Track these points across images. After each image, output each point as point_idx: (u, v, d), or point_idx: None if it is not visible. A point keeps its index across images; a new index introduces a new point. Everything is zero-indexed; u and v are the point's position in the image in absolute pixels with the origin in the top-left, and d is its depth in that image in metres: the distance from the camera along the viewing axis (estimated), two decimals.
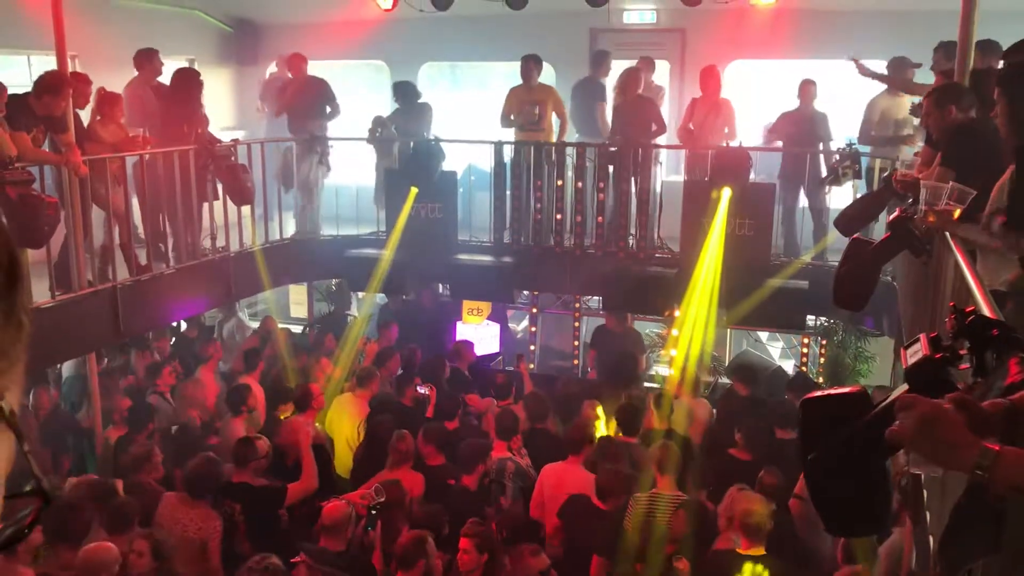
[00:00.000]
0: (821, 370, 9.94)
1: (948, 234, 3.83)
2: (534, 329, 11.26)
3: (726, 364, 10.46)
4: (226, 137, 9.28)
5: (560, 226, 9.50)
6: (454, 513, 5.80)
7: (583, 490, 6.06)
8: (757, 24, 10.65)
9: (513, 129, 9.82)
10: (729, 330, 10.90)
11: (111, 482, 6.10)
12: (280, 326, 10.45)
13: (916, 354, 1.90)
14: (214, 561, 5.77)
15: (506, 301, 10.62)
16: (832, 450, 2.00)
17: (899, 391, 1.90)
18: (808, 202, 9.25)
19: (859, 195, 8.19)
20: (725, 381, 9.42)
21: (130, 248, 7.81)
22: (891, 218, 4.59)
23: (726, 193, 8.29)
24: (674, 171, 10.54)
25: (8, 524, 0.72)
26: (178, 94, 8.46)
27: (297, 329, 11.48)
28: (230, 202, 8.69)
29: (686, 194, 8.79)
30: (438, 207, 9.56)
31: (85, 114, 7.95)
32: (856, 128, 9.21)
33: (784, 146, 9.29)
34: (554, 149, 9.47)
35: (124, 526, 5.41)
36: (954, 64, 5.23)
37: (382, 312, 11.07)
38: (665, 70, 11.40)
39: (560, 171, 9.42)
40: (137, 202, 8.13)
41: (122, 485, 6.11)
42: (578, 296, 10.85)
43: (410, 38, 11.96)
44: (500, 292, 9.94)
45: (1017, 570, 1.84)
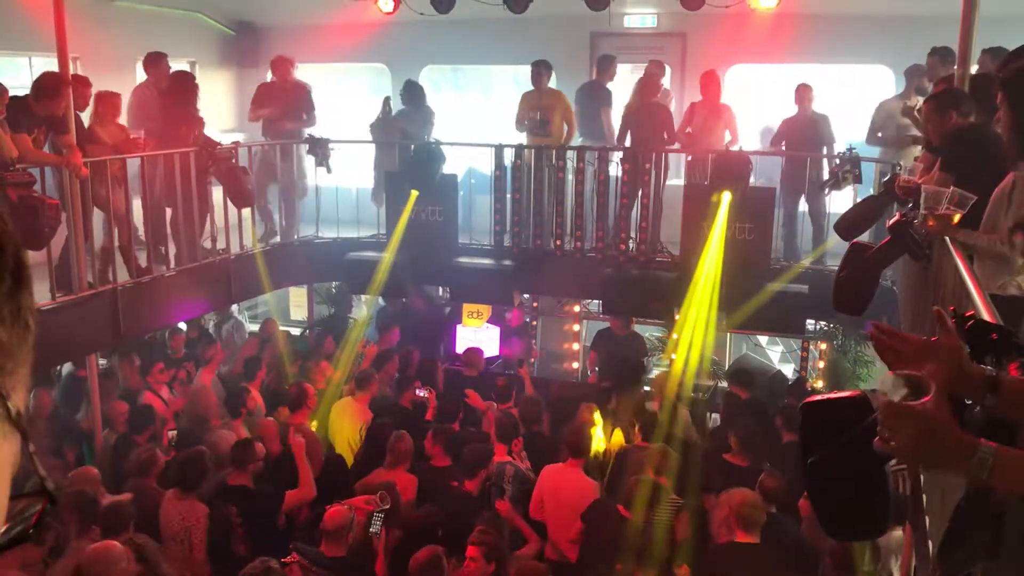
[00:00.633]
0: (821, 374, 9.94)
1: (948, 239, 3.84)
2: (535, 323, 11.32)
3: (726, 368, 10.46)
4: (227, 140, 9.29)
5: (560, 229, 9.51)
6: (455, 517, 5.81)
7: (582, 493, 6.06)
8: (758, 29, 10.66)
9: (524, 133, 9.83)
10: (729, 334, 10.90)
11: (92, 492, 6.06)
12: (280, 328, 10.45)
13: None
14: (197, 553, 5.78)
15: (506, 304, 10.62)
16: (832, 454, 2.00)
17: (897, 396, 1.91)
18: (808, 206, 9.26)
19: (859, 199, 8.20)
20: (725, 385, 9.42)
21: (130, 250, 7.82)
22: (891, 222, 4.60)
23: (726, 197, 8.30)
24: (674, 175, 10.54)
25: (13, 524, 0.72)
26: (176, 96, 8.48)
27: (297, 332, 11.48)
28: (231, 204, 8.70)
29: (686, 198, 8.79)
30: (438, 210, 9.56)
31: (86, 116, 7.96)
32: (857, 132, 9.23)
33: (787, 150, 9.29)
34: (555, 152, 9.47)
35: (120, 528, 5.41)
36: (950, 69, 5.23)
37: (380, 315, 11.07)
38: (666, 74, 11.41)
39: (561, 174, 9.42)
40: (140, 203, 8.14)
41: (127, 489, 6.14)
42: (578, 300, 10.87)
43: (411, 41, 11.97)
44: (500, 295, 9.94)
45: (1017, 574, 1.84)
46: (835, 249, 8.45)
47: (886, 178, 6.56)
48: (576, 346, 11.32)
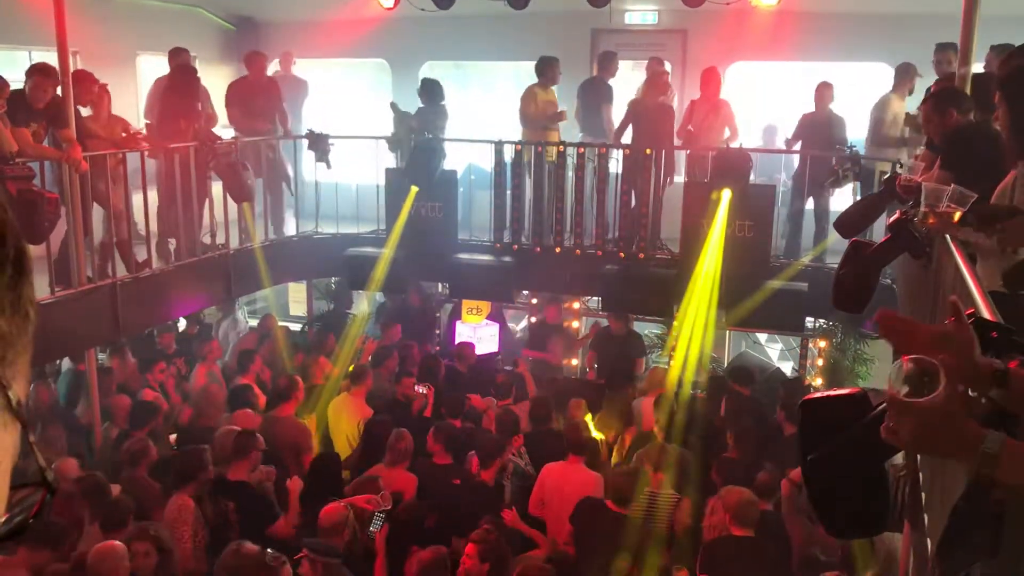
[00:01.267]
0: (819, 372, 9.93)
1: (948, 236, 3.83)
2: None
3: (725, 365, 10.45)
4: (227, 135, 9.28)
5: (560, 226, 9.50)
6: (470, 505, 5.89)
7: (585, 489, 6.06)
8: (759, 26, 10.65)
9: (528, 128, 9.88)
10: (728, 331, 10.89)
11: (102, 477, 6.12)
12: (279, 324, 10.44)
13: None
14: (184, 547, 5.78)
15: (506, 300, 10.61)
16: (831, 451, 2.00)
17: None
18: (814, 204, 9.25)
19: (859, 197, 8.19)
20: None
21: (127, 246, 7.80)
22: (891, 220, 4.59)
23: (726, 195, 8.29)
24: (676, 172, 10.53)
25: (13, 514, 0.72)
26: (175, 89, 8.47)
27: (296, 327, 11.48)
28: (230, 199, 8.70)
29: (686, 195, 8.78)
30: (438, 206, 9.56)
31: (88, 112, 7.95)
32: (856, 130, 9.22)
33: (802, 149, 9.26)
34: (555, 149, 9.47)
35: (119, 523, 5.42)
36: (961, 67, 5.21)
37: (380, 311, 11.07)
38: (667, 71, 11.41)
39: (561, 171, 9.41)
40: (140, 198, 8.13)
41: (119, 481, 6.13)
42: (578, 296, 10.85)
43: (411, 37, 11.95)
44: (500, 291, 9.93)
45: (1016, 573, 1.84)
46: (835, 247, 8.44)
47: (886, 176, 6.55)
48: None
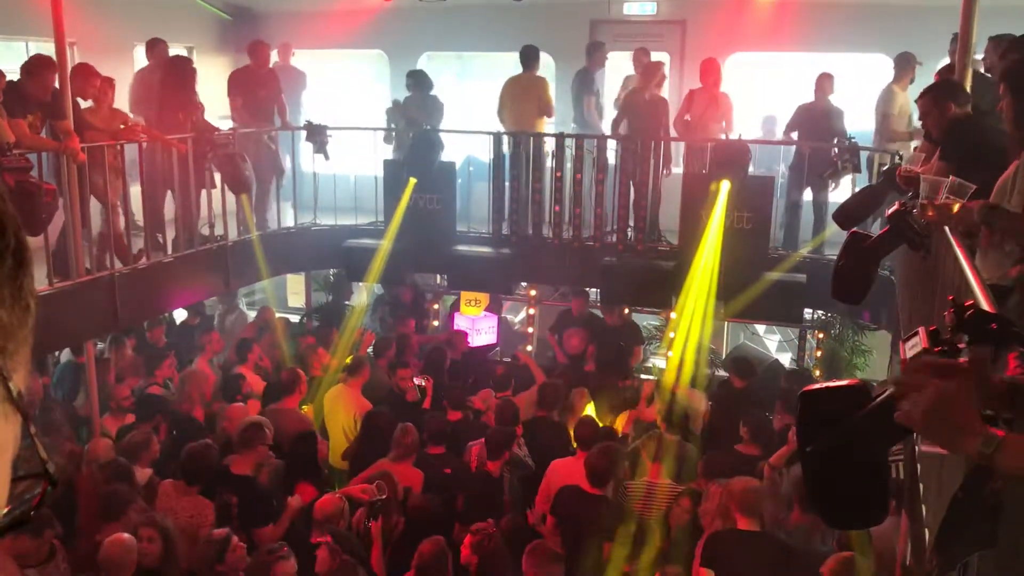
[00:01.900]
0: (818, 364, 9.94)
1: (947, 229, 3.83)
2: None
3: (723, 357, 10.47)
4: (224, 126, 9.25)
5: (559, 218, 9.50)
6: (472, 494, 5.98)
7: None
8: (758, 16, 10.64)
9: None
10: (726, 323, 10.90)
11: (126, 463, 6.16)
12: (278, 315, 10.44)
13: (915, 348, 1.91)
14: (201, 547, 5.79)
15: (504, 292, 10.61)
16: (830, 442, 2.00)
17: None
18: (813, 196, 9.25)
19: (858, 189, 8.19)
20: (722, 374, 9.43)
21: (122, 239, 7.77)
22: (890, 212, 4.59)
23: (725, 186, 8.28)
24: (673, 163, 10.53)
25: (14, 507, 0.72)
26: (172, 82, 8.45)
27: (295, 319, 11.48)
28: (228, 191, 8.68)
29: (685, 187, 8.77)
30: (436, 198, 9.55)
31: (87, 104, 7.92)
32: (857, 121, 9.21)
33: (799, 139, 9.25)
34: (553, 141, 9.46)
35: (118, 512, 5.44)
36: (961, 58, 5.20)
37: (377, 303, 11.07)
38: (665, 62, 11.39)
39: (559, 163, 9.40)
40: (138, 190, 8.12)
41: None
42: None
43: (409, 28, 11.93)
44: (498, 283, 9.93)
45: (1013, 564, 1.85)
46: (833, 238, 8.45)
47: (886, 167, 6.55)
48: None
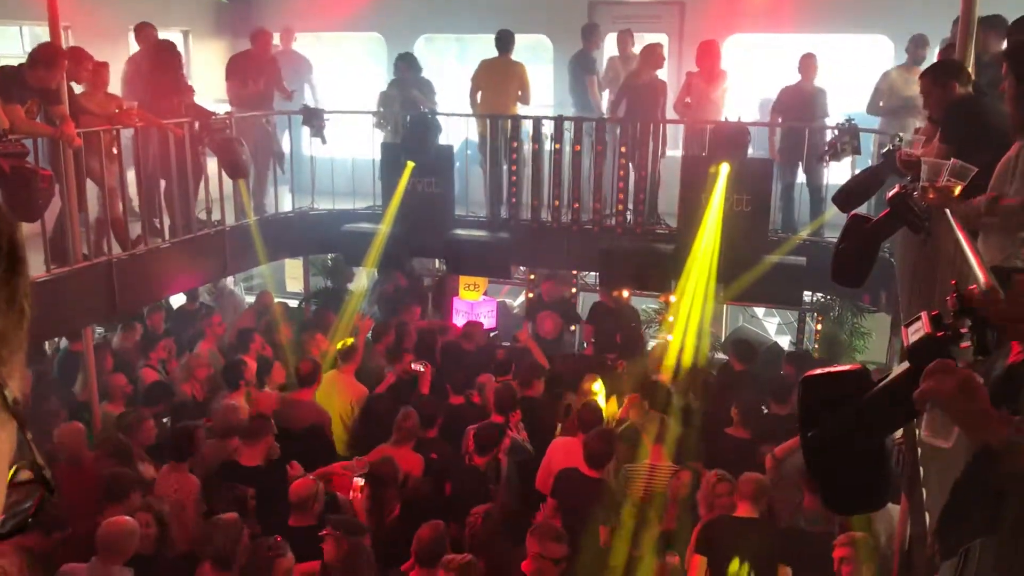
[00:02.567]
0: (817, 346, 9.95)
1: (948, 211, 3.81)
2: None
3: (722, 340, 10.47)
4: (221, 111, 9.20)
5: (558, 201, 9.46)
6: (462, 489, 5.96)
7: None
8: None
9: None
10: (725, 306, 10.89)
11: (128, 443, 6.17)
12: (276, 301, 10.43)
13: (917, 332, 1.90)
14: (192, 522, 5.82)
15: (503, 277, 10.59)
16: (832, 427, 2.00)
17: (900, 369, 1.90)
18: (806, 178, 9.23)
19: (858, 171, 8.16)
20: (721, 357, 9.43)
21: (122, 224, 7.74)
22: (891, 195, 4.57)
23: (724, 168, 8.24)
24: (672, 146, 10.50)
25: (12, 514, 0.71)
26: (160, 67, 8.40)
27: (294, 303, 11.46)
28: (225, 175, 8.65)
29: (684, 169, 8.74)
30: (434, 181, 9.50)
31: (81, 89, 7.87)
32: (856, 103, 9.17)
33: (784, 121, 9.23)
34: (552, 124, 9.41)
35: (123, 495, 5.45)
36: (961, 40, 5.16)
37: (374, 288, 11.05)
38: (663, 44, 11.32)
39: (558, 146, 9.35)
40: (134, 175, 8.07)
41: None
42: (575, 272, 10.83)
43: (406, 10, 11.86)
44: (497, 267, 9.90)
45: (1015, 549, 1.84)
46: (833, 221, 8.43)
47: (885, 149, 6.52)
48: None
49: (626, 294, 9.79)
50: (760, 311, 12.36)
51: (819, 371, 2.14)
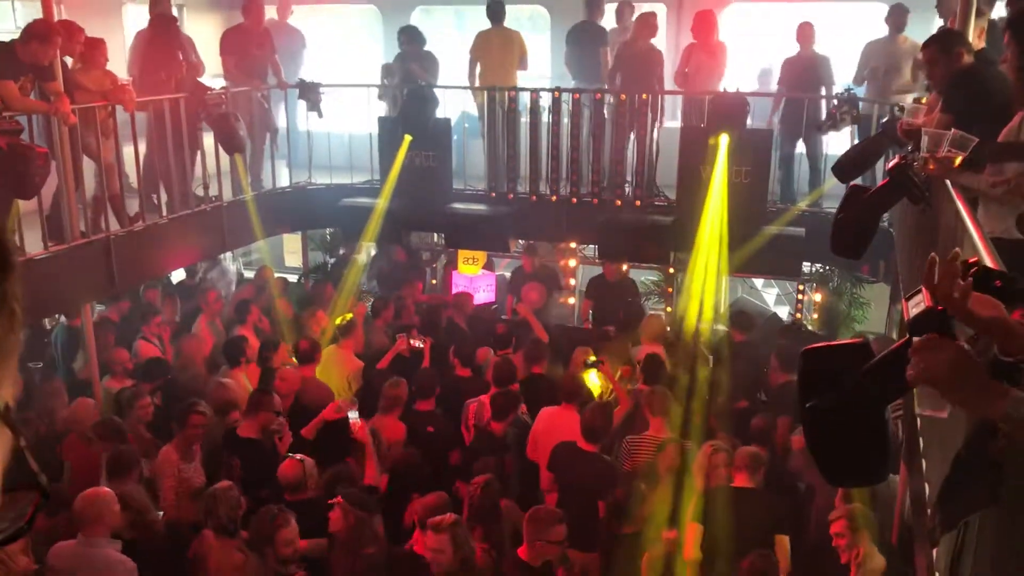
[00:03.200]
0: (816, 317, 9.96)
1: (948, 182, 3.79)
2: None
3: (722, 311, 10.45)
4: (216, 85, 9.13)
5: (556, 174, 9.42)
6: (481, 452, 6.07)
7: (574, 435, 6.11)
8: None
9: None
10: (724, 277, 10.87)
11: (118, 421, 6.20)
12: (275, 276, 10.40)
13: (918, 305, 1.88)
14: (167, 496, 5.87)
15: (502, 250, 10.56)
16: (832, 400, 1.99)
17: (900, 343, 1.89)
18: (806, 148, 9.19)
19: (857, 141, 8.12)
20: (720, 327, 9.42)
21: (119, 200, 7.71)
22: (891, 165, 4.54)
23: (724, 139, 8.19)
24: (671, 117, 10.43)
25: (8, 521, 0.70)
26: (155, 41, 8.33)
27: (293, 278, 11.44)
28: (222, 151, 8.60)
29: (683, 140, 8.69)
30: (432, 155, 9.45)
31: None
32: (849, 71, 9.14)
33: (788, 91, 9.17)
34: (551, 95, 9.34)
35: (125, 472, 5.47)
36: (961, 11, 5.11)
37: (372, 264, 11.03)
38: (661, 14, 11.21)
39: (556, 118, 9.30)
40: (131, 151, 8.02)
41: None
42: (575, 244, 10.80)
43: None
44: (495, 241, 9.87)
45: (1015, 522, 1.85)
46: (832, 191, 8.40)
47: (885, 119, 6.48)
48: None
49: (624, 267, 9.76)
50: (759, 282, 12.35)
51: (820, 344, 2.14)
